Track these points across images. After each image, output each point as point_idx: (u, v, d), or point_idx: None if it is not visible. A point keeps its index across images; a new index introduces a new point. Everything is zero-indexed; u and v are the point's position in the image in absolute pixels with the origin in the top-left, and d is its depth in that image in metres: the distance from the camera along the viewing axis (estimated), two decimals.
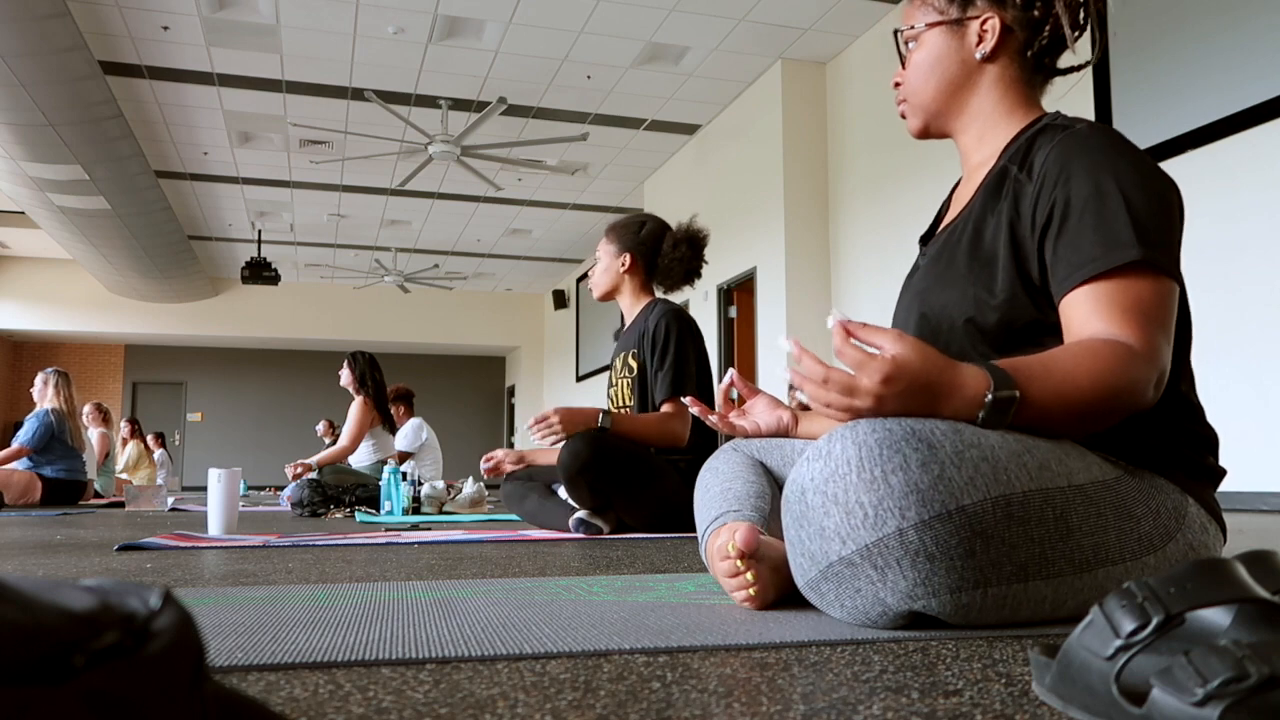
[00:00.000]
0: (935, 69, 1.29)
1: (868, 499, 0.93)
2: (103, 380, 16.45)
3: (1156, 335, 1.04)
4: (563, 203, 11.41)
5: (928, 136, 1.36)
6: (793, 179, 7.57)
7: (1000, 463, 0.95)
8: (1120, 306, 1.05)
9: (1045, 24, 1.24)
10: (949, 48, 1.28)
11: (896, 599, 0.95)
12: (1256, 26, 4.42)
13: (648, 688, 0.74)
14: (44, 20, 6.20)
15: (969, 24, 1.26)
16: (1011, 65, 1.27)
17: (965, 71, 1.28)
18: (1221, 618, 0.57)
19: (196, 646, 0.39)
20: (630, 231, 3.13)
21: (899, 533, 0.92)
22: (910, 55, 1.32)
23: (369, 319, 15.74)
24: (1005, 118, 1.28)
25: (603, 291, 3.16)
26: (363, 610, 1.16)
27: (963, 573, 0.93)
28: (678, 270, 3.07)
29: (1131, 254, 1.05)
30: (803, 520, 0.99)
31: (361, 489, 4.61)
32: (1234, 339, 4.47)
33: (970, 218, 1.25)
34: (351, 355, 5.30)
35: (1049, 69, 1.30)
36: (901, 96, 1.35)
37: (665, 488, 2.79)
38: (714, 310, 8.42)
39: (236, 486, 2.84)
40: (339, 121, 8.74)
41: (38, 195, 9.29)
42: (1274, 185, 4.35)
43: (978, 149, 1.31)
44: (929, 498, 0.92)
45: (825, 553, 0.97)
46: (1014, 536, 0.95)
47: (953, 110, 1.31)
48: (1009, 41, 1.26)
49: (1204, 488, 1.14)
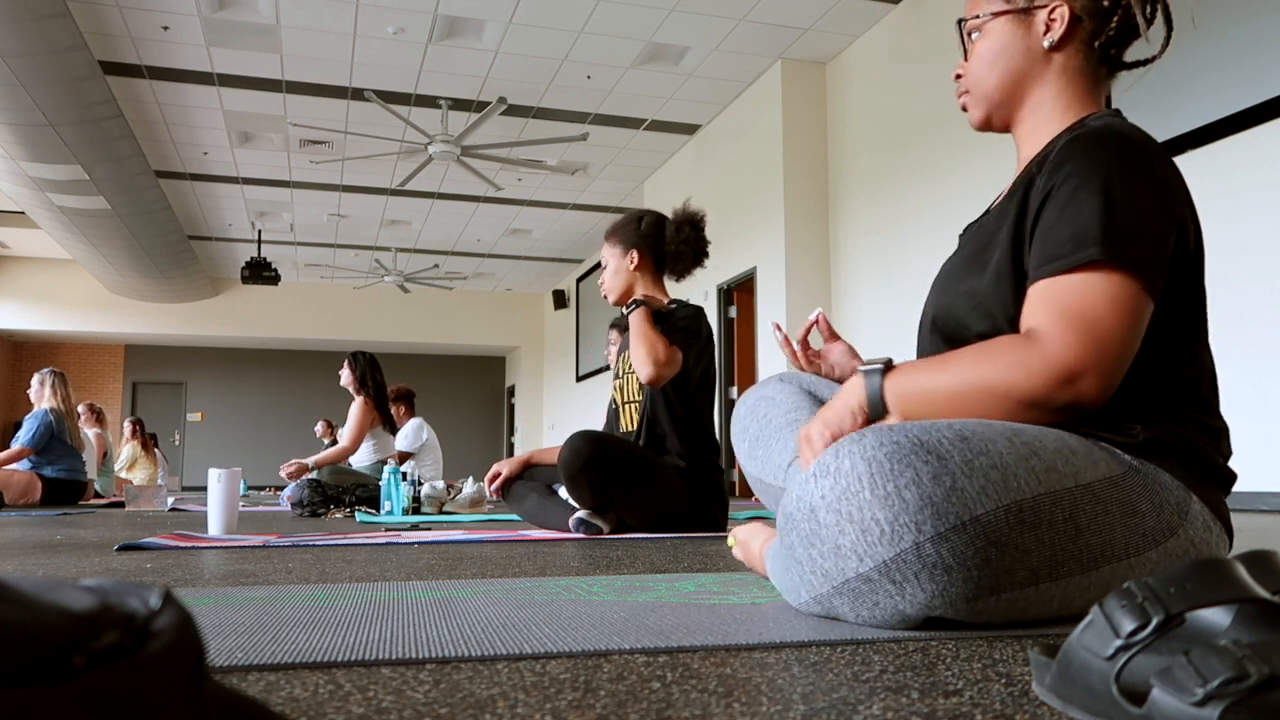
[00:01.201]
0: (1000, 59, 1.27)
1: (883, 515, 0.93)
2: (103, 380, 16.44)
3: (1081, 335, 1.03)
4: (563, 203, 11.41)
5: (989, 129, 1.34)
6: (793, 179, 7.57)
7: (1009, 468, 0.96)
8: (1057, 306, 1.05)
9: (1114, 13, 1.22)
10: (1015, 37, 1.26)
11: (916, 609, 0.96)
12: (1256, 26, 4.42)
13: (648, 688, 0.74)
14: (44, 20, 6.20)
15: (1036, 13, 1.24)
16: (1077, 55, 1.25)
17: (1031, 61, 1.26)
18: (1221, 618, 0.57)
19: (196, 646, 0.39)
20: (631, 228, 3.09)
21: (916, 547, 0.92)
22: (974, 46, 1.30)
23: (369, 319, 15.74)
24: (1062, 112, 1.25)
25: (618, 295, 3.09)
26: (363, 610, 1.16)
27: (979, 581, 0.94)
28: (687, 253, 3.04)
29: (1089, 254, 1.05)
30: (814, 539, 0.99)
31: (361, 489, 4.61)
32: (1234, 339, 4.47)
33: (1001, 212, 1.25)
34: (352, 355, 5.29)
35: (1115, 60, 1.27)
36: (964, 88, 1.33)
37: (666, 488, 2.79)
38: (714, 310, 8.41)
39: (236, 486, 2.84)
40: (339, 121, 8.74)
41: (38, 195, 9.29)
42: (1274, 185, 4.35)
43: (1028, 144, 1.29)
44: (943, 510, 0.92)
45: (841, 570, 0.97)
46: (1027, 541, 0.95)
47: (1015, 102, 1.29)
48: (1077, 31, 1.24)
49: (1211, 489, 1.12)
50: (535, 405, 16.48)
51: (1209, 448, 1.14)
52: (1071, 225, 1.08)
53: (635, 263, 3.07)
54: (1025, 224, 1.16)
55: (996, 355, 1.07)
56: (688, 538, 2.56)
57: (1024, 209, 1.17)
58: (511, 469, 3.15)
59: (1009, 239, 1.17)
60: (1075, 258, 1.06)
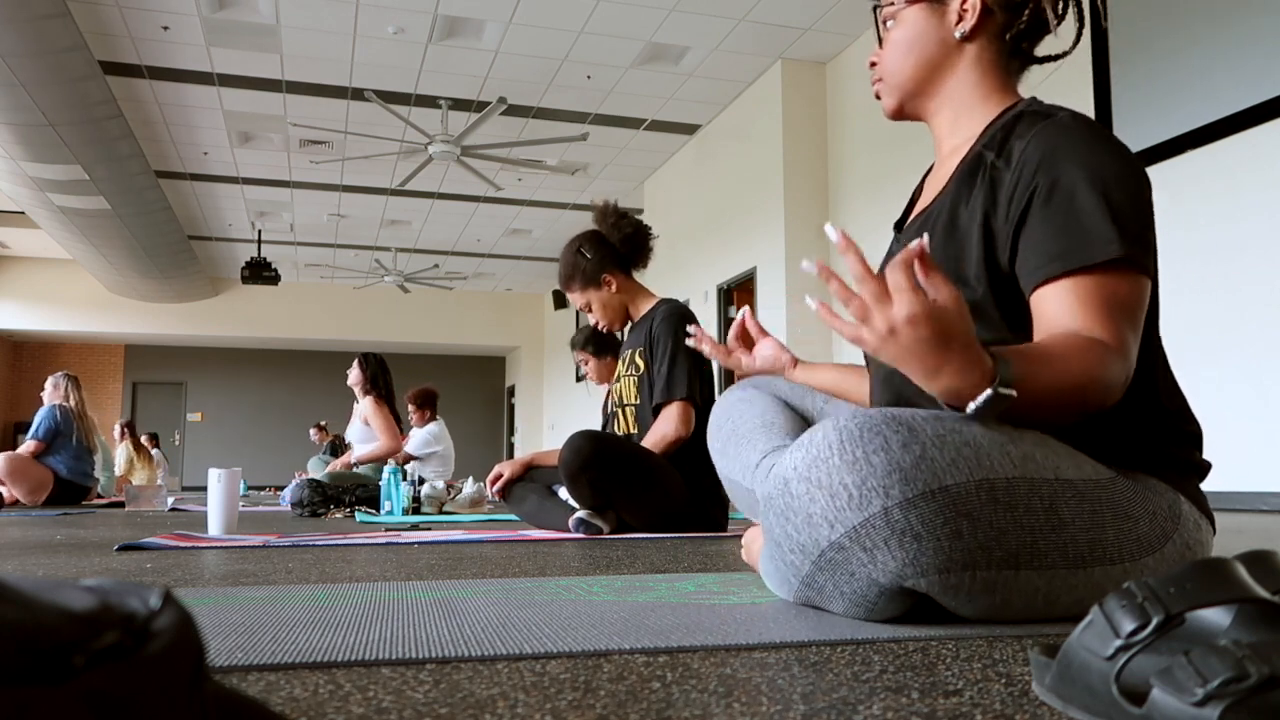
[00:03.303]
0: (914, 47, 1.28)
1: (851, 480, 0.93)
2: (103, 380, 16.45)
3: (1127, 333, 1.05)
4: (563, 203, 11.41)
5: (902, 117, 1.35)
6: (793, 179, 7.58)
7: (983, 449, 0.96)
8: (1096, 303, 1.05)
9: (1025, 7, 1.24)
10: (929, 26, 1.27)
11: (888, 578, 0.96)
12: (1256, 26, 4.41)
13: (648, 688, 0.74)
14: (44, 20, 6.20)
15: (949, 2, 1.26)
16: (990, 47, 1.27)
17: (944, 51, 1.27)
18: (1221, 618, 0.57)
19: (196, 646, 0.39)
20: (581, 263, 3.02)
21: (884, 511, 0.93)
22: (889, 34, 1.32)
23: (369, 319, 15.74)
24: (981, 102, 1.27)
25: (620, 323, 3.11)
26: (363, 610, 1.16)
27: (950, 553, 0.94)
28: (637, 239, 3.02)
29: (1113, 250, 1.05)
30: (788, 512, 0.99)
31: (361, 489, 4.61)
32: (1234, 339, 4.47)
33: (945, 204, 1.24)
34: (363, 356, 5.28)
35: (1027, 55, 1.29)
36: (877, 75, 1.34)
37: (667, 487, 2.79)
38: (714, 310, 8.42)
39: (236, 486, 2.84)
40: (339, 121, 8.74)
41: (38, 195, 9.29)
42: (1274, 185, 4.35)
43: (952, 133, 1.30)
44: (911, 476, 0.92)
45: (815, 541, 0.98)
46: (1002, 521, 0.95)
47: (929, 91, 1.30)
48: (988, 22, 1.25)
49: (1192, 483, 1.14)
50: (535, 405, 16.48)
51: (1189, 450, 1.15)
52: (1083, 223, 1.07)
53: (614, 286, 3.04)
54: (999, 213, 1.15)
55: (1087, 355, 1.00)
56: (688, 538, 2.56)
57: (993, 196, 1.16)
58: (513, 470, 3.14)
59: (980, 238, 1.16)
60: (1098, 255, 1.05)
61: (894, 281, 0.90)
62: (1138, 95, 4.98)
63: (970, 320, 0.93)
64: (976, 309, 1.14)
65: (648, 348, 3.01)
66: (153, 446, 10.56)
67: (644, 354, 3.02)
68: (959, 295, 0.91)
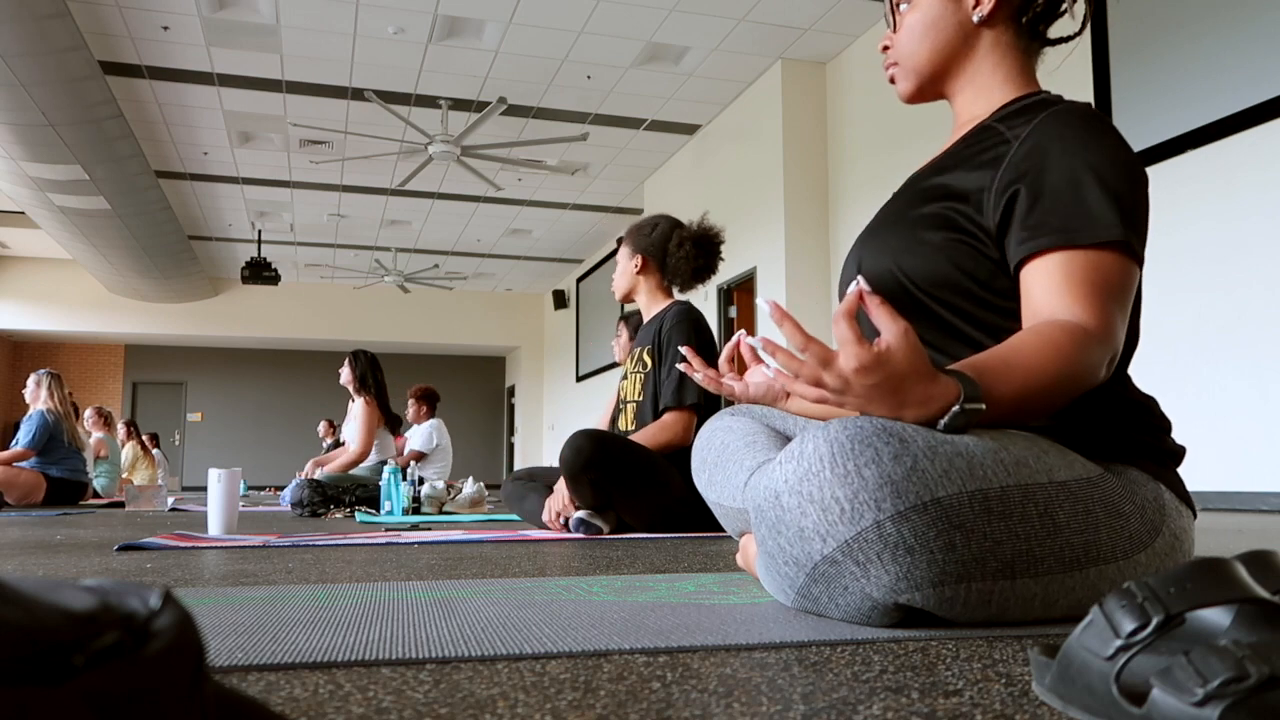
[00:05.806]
0: (930, 32, 1.27)
1: (843, 493, 0.92)
2: (103, 380, 16.45)
3: (1115, 316, 1.05)
4: (563, 203, 11.41)
5: (920, 100, 1.34)
6: (793, 179, 7.57)
7: (975, 458, 0.95)
8: (1088, 284, 1.05)
9: None
10: (945, 9, 1.26)
11: (882, 593, 0.95)
12: (1256, 26, 4.41)
13: (648, 688, 0.74)
14: (44, 20, 6.20)
15: None
16: (1007, 31, 1.26)
17: (962, 35, 1.26)
18: (1221, 618, 0.57)
19: (196, 646, 0.39)
20: (643, 234, 3.21)
21: (876, 525, 0.92)
22: (902, 18, 1.31)
23: (369, 319, 15.74)
24: (1002, 84, 1.26)
25: (622, 293, 3.24)
26: (363, 610, 1.16)
27: (944, 566, 0.93)
28: (684, 269, 3.10)
29: (1114, 233, 1.06)
30: (780, 526, 0.98)
31: (361, 489, 4.61)
32: (1234, 339, 4.47)
33: (941, 165, 1.24)
34: (353, 354, 5.24)
35: (1042, 37, 1.29)
36: (892, 60, 1.33)
37: (667, 487, 2.79)
38: (714, 310, 8.42)
39: (236, 486, 2.84)
40: (339, 121, 8.74)
41: (38, 195, 9.29)
42: (1274, 185, 4.35)
43: (972, 107, 1.29)
44: (903, 489, 0.91)
45: (808, 554, 0.97)
46: (996, 532, 0.94)
47: (948, 74, 1.29)
48: (1004, 6, 1.25)
49: (1170, 470, 1.14)
50: (535, 405, 16.48)
51: (1160, 437, 1.16)
52: (1083, 204, 1.08)
53: (639, 267, 3.18)
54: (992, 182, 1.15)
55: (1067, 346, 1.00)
56: (688, 538, 2.56)
57: (995, 168, 1.16)
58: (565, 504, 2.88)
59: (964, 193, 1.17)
60: (1099, 235, 1.06)
61: (838, 335, 0.92)
62: (1138, 95, 4.98)
63: (922, 352, 0.93)
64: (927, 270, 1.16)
65: (656, 348, 3.03)
66: (153, 446, 10.56)
67: (652, 353, 3.05)
68: (907, 329, 0.92)
